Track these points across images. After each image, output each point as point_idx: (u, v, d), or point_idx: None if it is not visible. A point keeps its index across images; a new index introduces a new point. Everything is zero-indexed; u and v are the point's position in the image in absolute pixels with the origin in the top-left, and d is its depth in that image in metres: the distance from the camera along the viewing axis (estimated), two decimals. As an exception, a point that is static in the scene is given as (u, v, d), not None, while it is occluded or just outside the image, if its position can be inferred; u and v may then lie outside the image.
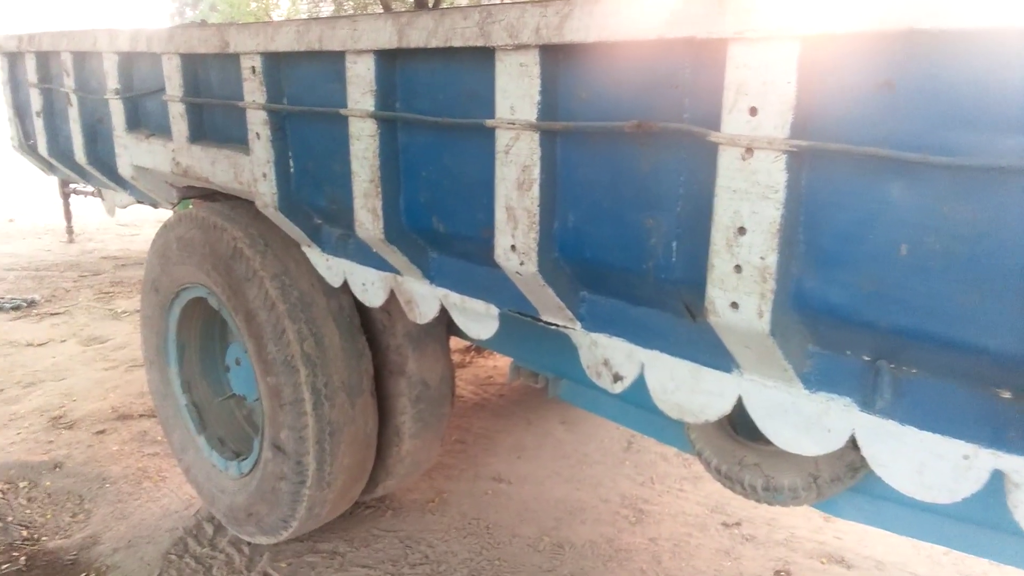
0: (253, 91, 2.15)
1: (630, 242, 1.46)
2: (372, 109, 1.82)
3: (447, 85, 1.72)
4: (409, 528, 3.00)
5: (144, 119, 2.84)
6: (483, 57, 1.56)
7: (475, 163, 1.70)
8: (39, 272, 6.54)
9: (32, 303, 5.57)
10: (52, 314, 5.38)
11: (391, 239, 1.93)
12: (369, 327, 2.65)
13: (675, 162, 1.35)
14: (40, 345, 4.78)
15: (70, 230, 7.99)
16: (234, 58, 2.21)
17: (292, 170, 2.24)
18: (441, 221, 1.86)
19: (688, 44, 1.24)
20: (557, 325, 1.75)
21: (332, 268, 2.35)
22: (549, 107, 1.48)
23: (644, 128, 1.33)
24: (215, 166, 2.44)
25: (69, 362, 4.52)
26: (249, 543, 2.86)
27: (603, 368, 1.67)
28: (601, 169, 1.47)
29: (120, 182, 3.27)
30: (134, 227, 8.34)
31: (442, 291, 2.00)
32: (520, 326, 1.86)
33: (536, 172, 1.51)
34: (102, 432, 3.68)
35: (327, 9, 15.41)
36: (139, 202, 3.45)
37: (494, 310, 1.88)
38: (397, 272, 2.10)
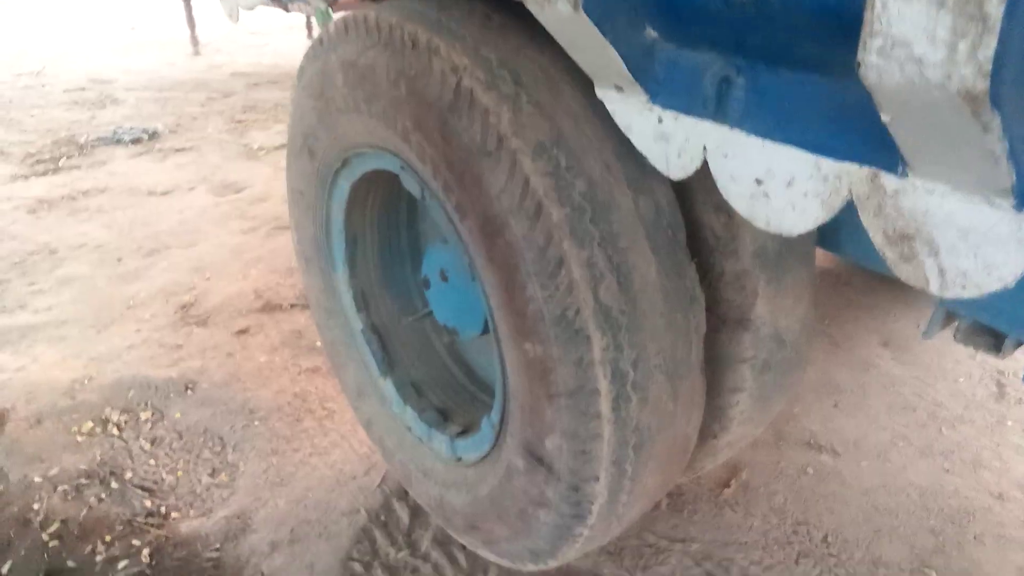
0: None
1: None
2: None
3: None
4: (701, 534, 1.92)
5: None
6: None
7: None
8: (162, 93, 5.59)
9: (154, 134, 4.65)
10: (177, 150, 4.43)
11: None
12: (692, 241, 1.42)
13: None
14: (164, 194, 3.86)
15: (195, 40, 6.99)
16: None
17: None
18: None
19: None
20: None
21: (674, 140, 1.09)
22: None
23: None
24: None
25: (199, 220, 3.59)
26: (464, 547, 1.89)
27: None
28: None
29: (241, -33, 2.04)
30: (264, 35, 7.22)
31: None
32: None
33: None
34: (244, 332, 2.75)
35: None
36: (267, 4, 2.23)
37: None
38: (892, 168, 0.83)
